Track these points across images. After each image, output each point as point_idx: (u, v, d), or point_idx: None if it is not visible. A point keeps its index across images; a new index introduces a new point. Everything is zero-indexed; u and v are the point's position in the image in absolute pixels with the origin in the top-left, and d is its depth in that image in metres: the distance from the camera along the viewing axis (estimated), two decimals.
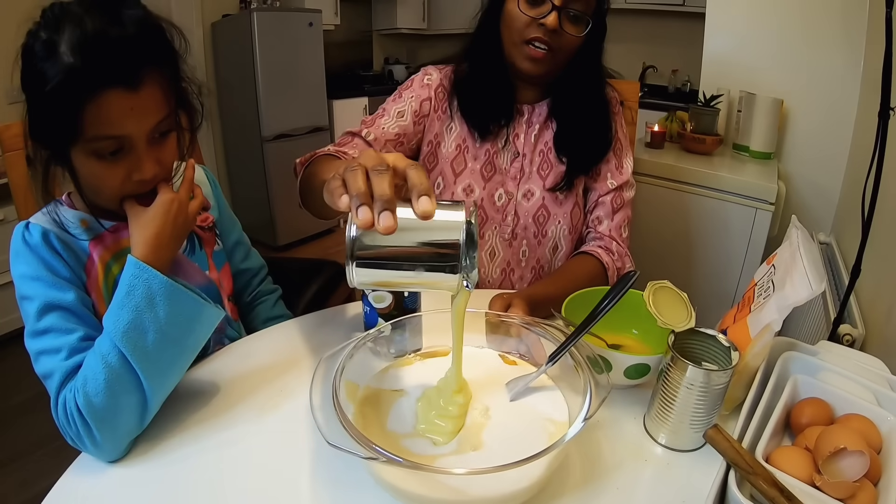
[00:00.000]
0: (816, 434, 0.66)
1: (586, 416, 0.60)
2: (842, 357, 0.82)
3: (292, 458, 0.73)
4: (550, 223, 1.32)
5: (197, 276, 1.03)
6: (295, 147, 4.10)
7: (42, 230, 0.84)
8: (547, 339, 0.78)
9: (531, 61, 1.19)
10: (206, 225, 1.10)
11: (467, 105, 1.30)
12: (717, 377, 0.69)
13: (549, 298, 1.09)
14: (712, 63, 2.61)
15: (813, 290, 0.69)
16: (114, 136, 0.77)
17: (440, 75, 1.35)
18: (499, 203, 1.32)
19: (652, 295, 0.81)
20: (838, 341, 1.27)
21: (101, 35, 0.73)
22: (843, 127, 2.27)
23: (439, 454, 0.65)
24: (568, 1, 1.13)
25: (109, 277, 0.91)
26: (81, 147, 0.77)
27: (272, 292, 1.30)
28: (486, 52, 1.26)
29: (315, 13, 4.16)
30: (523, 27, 1.16)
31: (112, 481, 0.71)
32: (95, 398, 0.73)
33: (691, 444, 0.74)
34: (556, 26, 1.13)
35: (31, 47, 0.75)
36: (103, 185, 0.82)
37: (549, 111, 1.34)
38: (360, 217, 0.54)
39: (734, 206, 2.02)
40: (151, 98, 0.79)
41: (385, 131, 1.26)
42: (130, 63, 0.75)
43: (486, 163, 1.31)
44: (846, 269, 1.62)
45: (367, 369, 0.77)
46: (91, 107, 0.73)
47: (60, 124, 0.75)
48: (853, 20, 2.17)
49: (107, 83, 0.73)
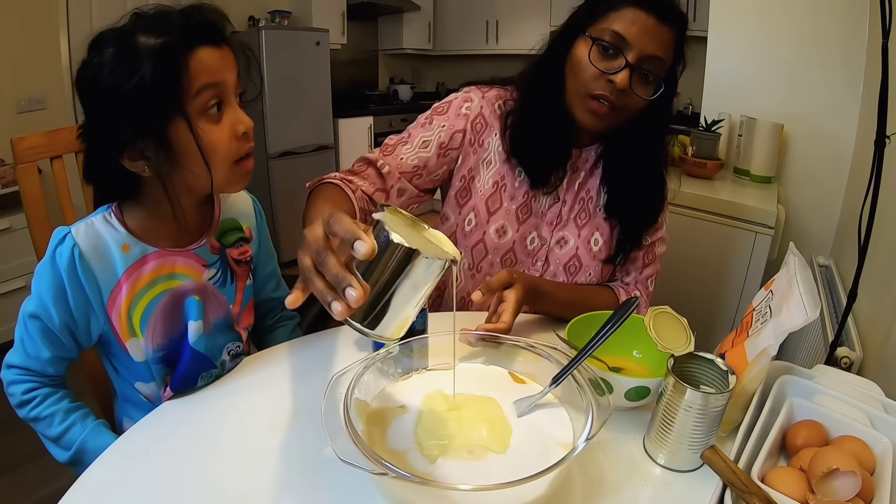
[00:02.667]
0: (811, 455, 0.68)
1: (588, 436, 0.62)
2: (837, 380, 0.85)
3: (301, 472, 0.74)
4: (581, 274, 1.26)
5: (221, 308, 1.06)
6: (300, 165, 4.16)
7: (73, 252, 0.88)
8: (550, 362, 0.80)
9: (591, 115, 1.09)
10: (243, 259, 1.10)
11: (526, 150, 1.21)
12: (714, 400, 0.71)
13: (550, 295, 1.11)
14: (714, 87, 2.67)
15: (808, 316, 0.72)
16: (215, 84, 0.86)
17: (482, 101, 1.24)
18: (530, 247, 1.26)
19: (652, 320, 0.84)
20: (836, 364, 1.29)
21: (172, 16, 0.85)
22: (841, 152, 2.32)
23: (445, 468, 0.67)
24: (642, 59, 1.04)
25: (140, 304, 0.94)
26: (191, 108, 0.84)
27: (292, 318, 1.33)
28: (547, 92, 1.16)
29: (322, 32, 4.23)
30: (590, 79, 1.06)
31: (120, 492, 0.72)
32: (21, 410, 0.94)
33: (689, 464, 0.76)
34: (625, 86, 1.03)
35: (96, 69, 0.81)
36: (218, 148, 0.88)
37: (599, 156, 1.25)
38: (336, 311, 0.59)
39: (734, 230, 2.05)
40: (230, 54, 0.89)
41: (402, 162, 1.20)
42: (212, 27, 0.87)
43: (523, 204, 1.24)
44: (845, 292, 1.64)
45: (374, 387, 0.79)
46: (191, 63, 0.82)
47: (168, 96, 0.82)
48: (853, 48, 2.23)
49: (198, 42, 0.83)
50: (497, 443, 0.71)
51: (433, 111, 1.25)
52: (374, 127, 4.88)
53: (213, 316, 1.03)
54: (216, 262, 1.03)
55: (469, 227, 1.25)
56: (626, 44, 1.03)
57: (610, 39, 1.04)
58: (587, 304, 1.09)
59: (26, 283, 2.86)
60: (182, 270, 0.98)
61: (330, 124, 4.44)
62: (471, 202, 1.25)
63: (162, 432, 0.83)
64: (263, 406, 0.89)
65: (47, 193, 1.18)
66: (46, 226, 1.18)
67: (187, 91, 0.83)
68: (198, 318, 1.00)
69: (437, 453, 0.68)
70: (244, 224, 1.10)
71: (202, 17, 0.87)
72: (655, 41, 1.03)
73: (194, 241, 1.00)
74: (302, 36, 4.13)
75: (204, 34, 0.85)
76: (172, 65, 0.81)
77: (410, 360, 0.85)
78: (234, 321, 1.09)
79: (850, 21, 2.23)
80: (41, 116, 3.26)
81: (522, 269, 1.26)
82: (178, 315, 0.99)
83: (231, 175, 0.92)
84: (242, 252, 1.09)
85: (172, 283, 0.97)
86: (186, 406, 0.90)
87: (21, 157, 1.15)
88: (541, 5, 5.17)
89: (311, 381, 0.95)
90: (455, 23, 5.68)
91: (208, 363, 1.03)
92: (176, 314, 0.99)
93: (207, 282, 1.02)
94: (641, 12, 1.02)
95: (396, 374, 0.83)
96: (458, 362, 0.83)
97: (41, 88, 3.27)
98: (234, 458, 0.78)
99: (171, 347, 0.99)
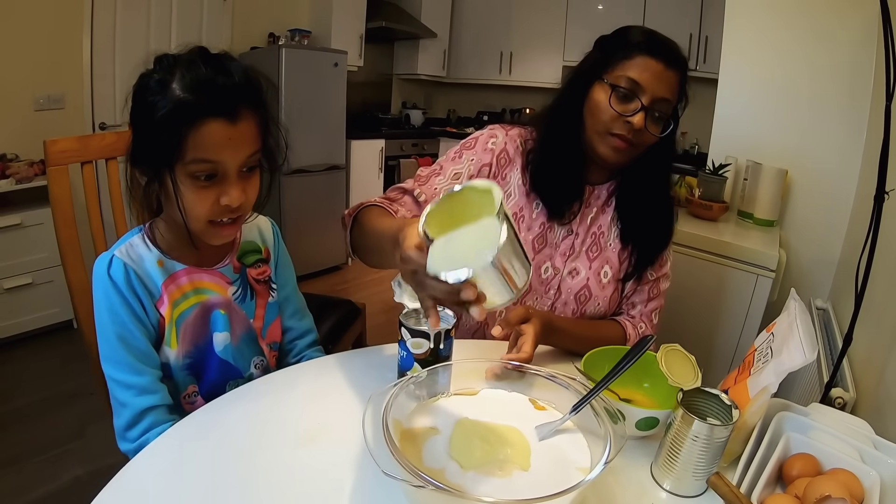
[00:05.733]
0: (805, 484, 0.74)
1: (607, 460, 0.69)
2: (831, 418, 0.91)
3: (330, 488, 0.78)
4: (591, 304, 1.33)
5: (243, 323, 1.13)
6: (311, 183, 4.20)
7: (125, 270, 0.95)
8: (569, 391, 0.86)
9: (613, 151, 1.20)
10: (262, 278, 1.17)
11: (544, 183, 1.30)
12: (719, 431, 0.77)
13: (563, 331, 1.18)
14: (722, 131, 2.72)
15: (806, 358, 0.79)
16: (210, 161, 0.89)
17: (505, 138, 1.33)
18: (544, 276, 1.32)
19: (664, 356, 0.91)
20: (830, 404, 1.34)
21: (210, 77, 0.88)
22: (843, 201, 2.38)
23: (476, 483, 0.72)
24: (655, 102, 1.15)
25: (175, 312, 1.02)
26: (181, 169, 0.89)
27: (318, 353, 1.32)
28: (566, 131, 1.26)
29: (341, 54, 4.29)
30: (609, 120, 1.17)
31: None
32: None
33: (693, 490, 0.81)
34: (641, 126, 1.15)
35: (144, 85, 0.89)
36: (195, 207, 0.93)
37: (610, 194, 1.35)
38: (476, 315, 0.73)
39: (736, 272, 2.09)
40: (247, 132, 0.92)
41: (437, 192, 1.27)
42: (231, 100, 0.89)
43: (539, 235, 1.31)
44: (841, 335, 1.68)
45: (405, 408, 0.84)
46: (195, 133, 0.86)
47: (165, 147, 0.87)
48: (858, 101, 2.30)
49: (210, 113, 0.86)
50: (522, 460, 0.77)
51: (462, 146, 1.34)
52: (386, 150, 4.93)
53: (239, 330, 1.11)
54: (237, 279, 1.12)
55: None
56: (640, 88, 1.15)
57: (626, 85, 1.15)
58: (597, 339, 1.15)
59: (34, 279, 2.90)
60: (209, 286, 1.07)
61: (343, 145, 4.48)
62: None
63: (191, 439, 0.88)
64: (292, 421, 0.93)
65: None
66: (74, 229, 1.23)
67: (182, 155, 0.88)
68: (224, 329, 1.08)
69: (471, 465, 0.74)
70: (262, 246, 1.18)
71: (234, 82, 0.90)
72: (664, 84, 1.15)
73: (219, 261, 1.09)
74: (320, 56, 4.20)
75: (224, 107, 0.88)
76: (179, 125, 0.86)
77: (436, 384, 0.90)
78: (259, 336, 1.16)
79: (856, 77, 2.31)
80: (58, 115, 3.29)
81: (536, 296, 1.33)
82: (206, 327, 1.07)
83: (204, 231, 0.98)
84: (261, 272, 1.17)
85: (202, 297, 1.06)
86: (215, 416, 0.94)
87: (53, 159, 1.18)
88: (555, 41, 5.29)
89: (338, 400, 1.00)
90: (470, 52, 5.79)
91: (236, 372, 1.11)
92: (203, 326, 1.06)
93: (231, 297, 1.10)
94: (652, 60, 1.14)
95: (424, 396, 0.88)
96: (482, 389, 0.91)
97: (60, 88, 3.29)
98: (262, 469, 0.82)
99: (197, 356, 1.06)
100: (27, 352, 2.91)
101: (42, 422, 2.42)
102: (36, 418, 2.43)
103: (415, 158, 5.15)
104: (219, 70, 0.90)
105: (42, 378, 2.72)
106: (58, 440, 2.27)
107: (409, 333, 0.96)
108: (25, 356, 2.88)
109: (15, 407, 2.49)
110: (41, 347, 2.96)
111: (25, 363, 2.83)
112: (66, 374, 2.75)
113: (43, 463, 2.14)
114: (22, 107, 3.15)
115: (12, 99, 3.10)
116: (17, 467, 2.12)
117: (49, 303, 2.99)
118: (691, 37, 4.14)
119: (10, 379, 2.68)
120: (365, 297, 3.89)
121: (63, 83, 3.31)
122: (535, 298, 1.34)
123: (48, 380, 2.71)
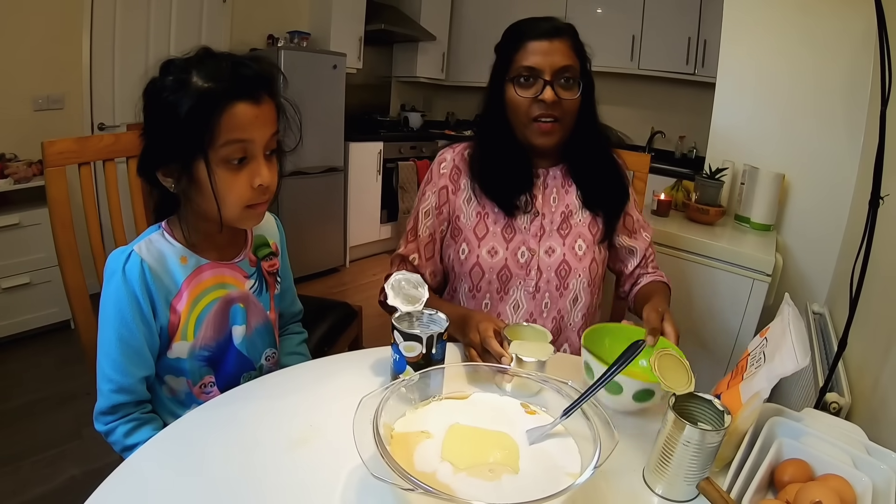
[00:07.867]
0: (797, 489, 0.74)
1: (596, 464, 0.69)
2: (824, 423, 0.91)
3: (322, 490, 0.78)
4: (572, 276, 1.40)
5: (260, 315, 1.17)
6: (308, 185, 4.20)
7: (142, 266, 0.97)
8: (561, 396, 0.87)
9: (544, 135, 1.31)
10: (272, 270, 1.22)
11: (490, 188, 1.39)
12: (710, 437, 0.77)
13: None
14: (719, 136, 2.73)
15: (798, 363, 0.79)
16: (242, 140, 0.94)
17: (453, 155, 1.46)
18: (522, 260, 1.39)
19: (658, 361, 0.91)
20: (825, 408, 1.34)
21: (229, 66, 0.93)
22: (839, 205, 2.39)
23: (466, 485, 0.72)
24: (555, 73, 1.25)
25: (196, 308, 1.05)
26: (214, 155, 0.92)
27: (299, 333, 1.42)
28: (497, 136, 1.37)
29: (340, 56, 4.29)
30: (527, 108, 1.29)
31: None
32: None
33: (685, 495, 0.81)
34: (553, 98, 1.25)
35: (158, 89, 0.92)
36: (230, 193, 0.97)
37: (565, 174, 1.44)
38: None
39: (732, 276, 2.10)
40: (269, 113, 0.97)
41: (420, 239, 1.43)
42: (253, 84, 0.94)
43: (505, 226, 1.40)
44: (837, 340, 1.69)
45: (396, 412, 0.84)
46: (225, 116, 0.90)
47: (196, 138, 0.90)
48: (856, 106, 2.31)
49: (236, 97, 0.91)
50: (511, 461, 0.77)
51: (423, 184, 1.49)
52: (384, 152, 4.92)
53: (255, 321, 1.14)
54: (254, 273, 1.15)
55: (464, 256, 1.41)
56: (536, 70, 1.27)
57: (525, 73, 1.28)
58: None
59: (32, 279, 2.91)
60: (230, 280, 1.10)
61: (341, 147, 4.48)
62: (462, 235, 1.42)
63: (184, 441, 0.89)
64: (284, 422, 0.93)
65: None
66: (71, 231, 1.23)
67: (214, 140, 0.91)
68: (241, 322, 1.11)
69: (460, 468, 0.75)
70: (271, 240, 1.22)
71: (252, 70, 0.95)
72: (557, 55, 1.26)
73: (236, 255, 1.12)
74: (319, 58, 4.20)
75: (247, 90, 0.93)
76: (208, 112, 0.89)
77: (428, 387, 0.90)
78: (273, 326, 1.20)
79: (854, 81, 2.31)
80: (57, 116, 3.30)
81: (518, 281, 1.40)
82: (225, 320, 1.10)
83: (240, 216, 1.01)
84: (272, 265, 1.21)
85: (223, 292, 1.08)
86: (208, 418, 0.94)
87: (51, 160, 1.19)
88: None
89: (330, 402, 1.00)
90: (469, 55, 5.75)
91: (249, 364, 1.15)
92: (223, 319, 1.09)
93: (249, 290, 1.13)
94: (535, 42, 1.27)
95: (415, 399, 0.88)
96: (474, 392, 0.91)
97: (60, 88, 3.30)
98: (254, 471, 0.82)
99: (216, 349, 1.09)
100: (25, 352, 2.91)
101: (39, 422, 2.41)
102: (33, 418, 2.42)
103: (413, 161, 5.13)
104: (235, 60, 0.95)
105: (39, 378, 2.72)
106: (54, 440, 2.27)
107: (401, 337, 0.96)
108: (23, 356, 2.88)
109: (12, 407, 2.49)
110: (39, 347, 2.96)
111: (23, 363, 2.83)
112: (63, 374, 2.75)
113: (39, 463, 2.14)
114: (21, 107, 3.16)
115: (11, 99, 3.11)
116: (14, 467, 2.11)
117: (47, 303, 2.99)
118: (689, 41, 4.13)
119: (7, 379, 2.67)
120: (362, 299, 3.88)
121: (62, 84, 3.32)
122: (518, 283, 1.40)
123: (45, 380, 2.70)
